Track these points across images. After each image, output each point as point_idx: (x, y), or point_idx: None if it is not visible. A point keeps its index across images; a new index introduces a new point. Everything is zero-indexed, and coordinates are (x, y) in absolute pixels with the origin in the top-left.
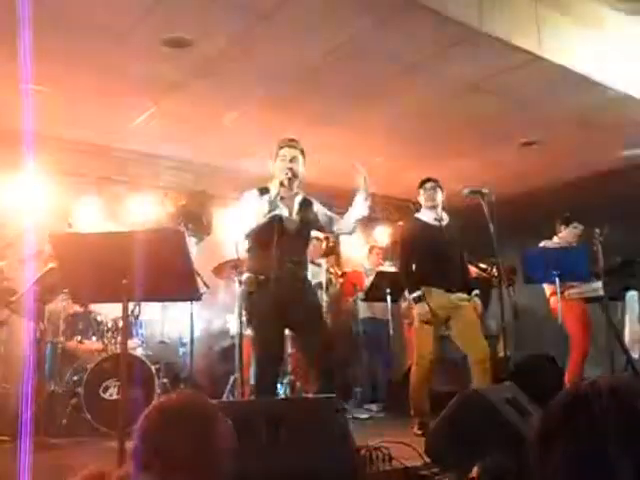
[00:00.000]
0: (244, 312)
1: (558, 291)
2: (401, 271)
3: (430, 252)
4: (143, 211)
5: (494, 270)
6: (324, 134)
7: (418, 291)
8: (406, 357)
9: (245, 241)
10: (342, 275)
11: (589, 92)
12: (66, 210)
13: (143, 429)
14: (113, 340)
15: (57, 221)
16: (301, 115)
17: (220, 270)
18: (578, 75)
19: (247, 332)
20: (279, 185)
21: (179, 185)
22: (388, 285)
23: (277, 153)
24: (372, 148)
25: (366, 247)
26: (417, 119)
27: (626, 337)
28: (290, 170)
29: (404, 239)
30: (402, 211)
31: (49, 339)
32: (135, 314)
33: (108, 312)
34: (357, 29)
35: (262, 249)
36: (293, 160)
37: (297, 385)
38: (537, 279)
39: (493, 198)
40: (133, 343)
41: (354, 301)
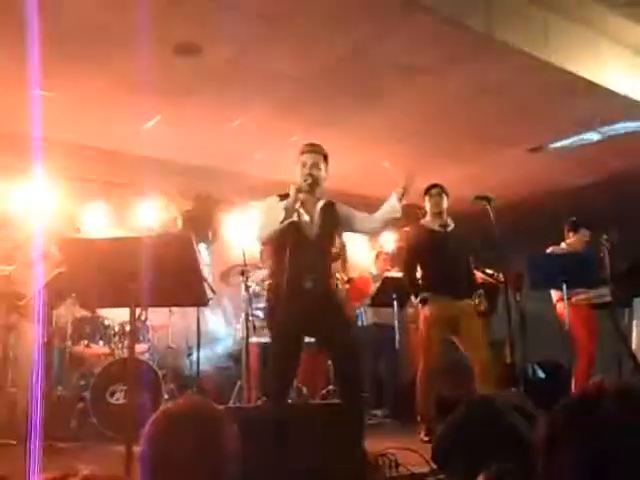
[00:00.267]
0: (266, 320)
1: (565, 297)
2: (405, 277)
3: (436, 259)
4: (150, 216)
5: (500, 276)
6: (332, 138)
7: (424, 293)
8: (413, 363)
9: (262, 248)
10: (348, 281)
11: (595, 98)
12: (74, 215)
13: (150, 434)
14: (120, 345)
15: (65, 226)
16: (307, 119)
17: (226, 275)
18: (584, 81)
19: (253, 338)
20: (296, 192)
21: (186, 190)
22: (395, 290)
23: (298, 159)
24: (376, 153)
25: (373, 253)
26: (421, 124)
27: (633, 343)
28: (310, 176)
29: (409, 245)
30: (408, 216)
31: (56, 343)
32: (142, 319)
33: (115, 317)
34: (361, 34)
35: (279, 256)
36: (313, 166)
37: (304, 391)
38: (542, 284)
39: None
40: (140, 348)
41: (360, 306)
